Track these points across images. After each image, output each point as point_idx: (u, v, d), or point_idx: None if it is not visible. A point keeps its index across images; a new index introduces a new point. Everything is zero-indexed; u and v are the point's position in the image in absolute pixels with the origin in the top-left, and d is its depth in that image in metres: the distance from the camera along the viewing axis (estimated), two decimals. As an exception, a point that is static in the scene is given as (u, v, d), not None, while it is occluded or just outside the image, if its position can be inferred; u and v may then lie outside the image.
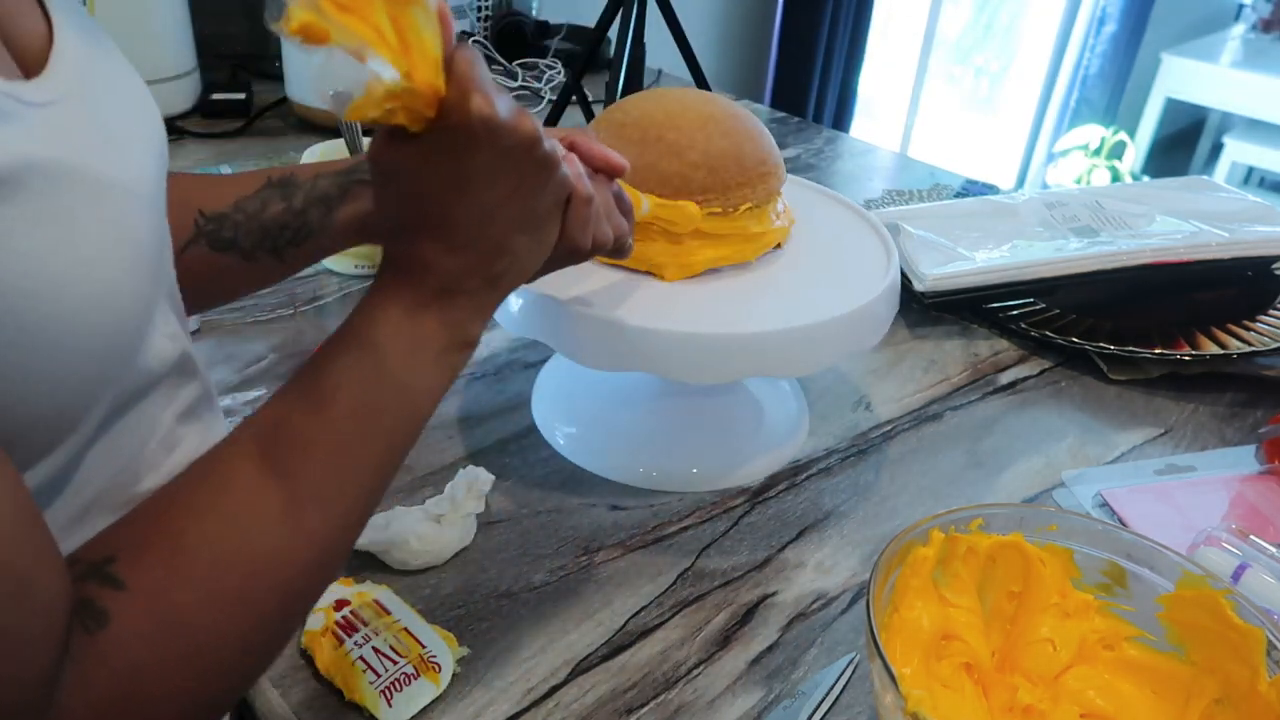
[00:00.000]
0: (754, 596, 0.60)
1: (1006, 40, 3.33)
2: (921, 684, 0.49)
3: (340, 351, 0.40)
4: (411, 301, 0.41)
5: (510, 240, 0.43)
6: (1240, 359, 0.83)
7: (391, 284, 0.42)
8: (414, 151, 0.40)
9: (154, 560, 0.33)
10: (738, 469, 0.70)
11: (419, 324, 0.41)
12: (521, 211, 0.43)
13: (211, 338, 0.82)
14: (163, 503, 0.35)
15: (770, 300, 0.63)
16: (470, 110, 0.38)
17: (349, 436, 0.38)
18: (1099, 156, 3.12)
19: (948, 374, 0.85)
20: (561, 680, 0.54)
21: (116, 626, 0.31)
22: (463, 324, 0.43)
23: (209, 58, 1.27)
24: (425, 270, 0.42)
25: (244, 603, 0.34)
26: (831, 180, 1.26)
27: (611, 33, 1.10)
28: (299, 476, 0.37)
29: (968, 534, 0.52)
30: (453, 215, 0.41)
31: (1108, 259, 0.89)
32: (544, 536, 0.64)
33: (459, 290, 0.42)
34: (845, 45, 2.43)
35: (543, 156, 0.42)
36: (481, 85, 0.39)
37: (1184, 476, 0.73)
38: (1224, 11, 3.60)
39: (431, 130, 0.39)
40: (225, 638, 0.34)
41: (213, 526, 0.34)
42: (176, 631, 0.32)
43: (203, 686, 0.34)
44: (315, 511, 0.37)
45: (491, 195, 0.41)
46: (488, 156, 0.40)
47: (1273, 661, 0.46)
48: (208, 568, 0.34)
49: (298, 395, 0.39)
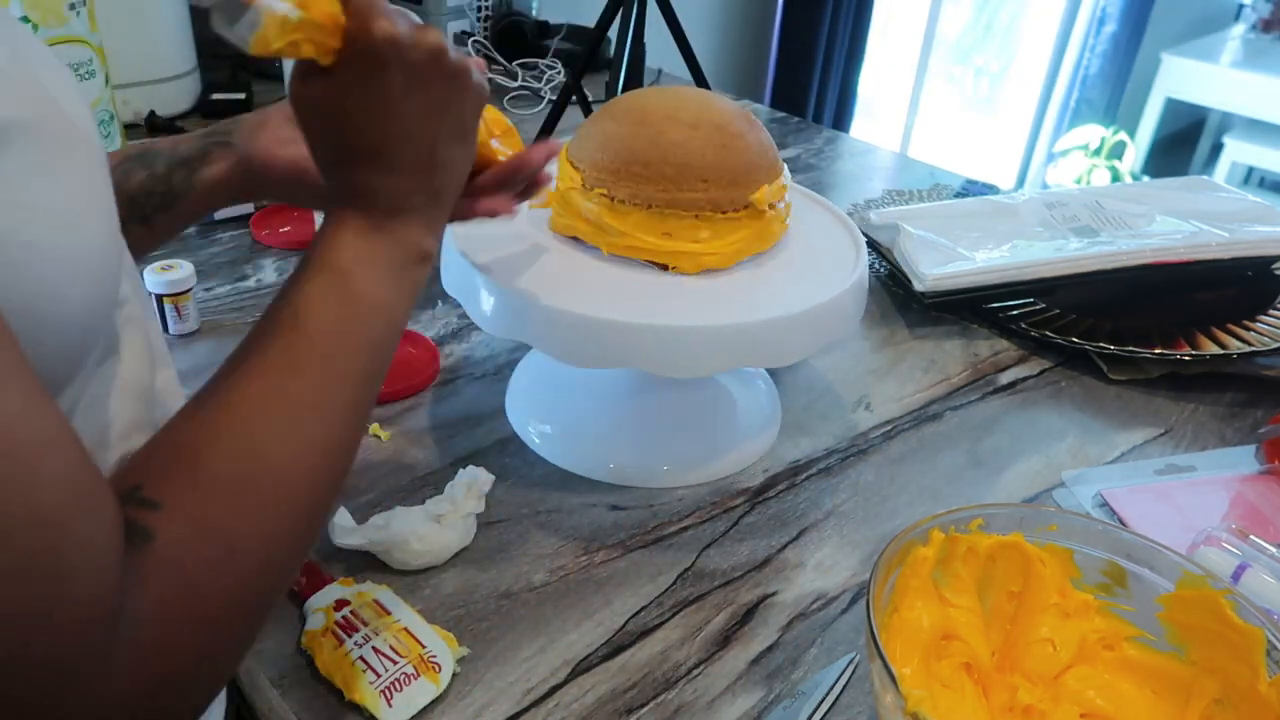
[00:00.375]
0: (754, 596, 0.60)
1: (1006, 40, 3.33)
2: (921, 684, 0.49)
3: (308, 278, 0.42)
4: (364, 224, 0.44)
5: (440, 153, 0.46)
6: (1240, 359, 0.83)
7: (341, 214, 0.45)
8: (328, 84, 0.42)
9: (179, 480, 0.35)
10: (710, 464, 0.70)
11: (374, 244, 0.44)
12: (444, 124, 0.45)
13: (211, 337, 0.82)
14: (176, 430, 0.38)
15: (744, 294, 0.64)
16: (373, 32, 0.41)
17: (331, 351, 0.41)
18: (1099, 156, 3.12)
19: (948, 374, 0.85)
20: (561, 680, 0.54)
21: (161, 540, 0.33)
22: (415, 239, 0.46)
23: (209, 58, 1.27)
24: (369, 195, 0.44)
25: (267, 508, 0.37)
26: (831, 180, 1.26)
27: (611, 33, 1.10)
28: (293, 394, 0.40)
29: (968, 534, 0.52)
30: (381, 139, 0.44)
31: (1108, 259, 0.89)
32: (544, 536, 0.64)
33: (404, 209, 0.45)
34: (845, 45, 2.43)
35: (452, 65, 0.44)
36: (381, 8, 0.41)
37: (1184, 476, 0.73)
38: (1224, 11, 3.60)
39: (340, 61, 0.41)
40: (256, 539, 0.37)
41: (226, 444, 0.37)
42: (214, 538, 0.35)
43: (245, 589, 0.36)
44: (314, 421, 0.40)
45: (410, 114, 0.44)
46: (399, 75, 0.42)
47: (1273, 661, 0.46)
48: (230, 481, 0.36)
49: (277, 322, 0.41)
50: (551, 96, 1.40)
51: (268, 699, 0.53)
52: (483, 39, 1.44)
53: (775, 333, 0.62)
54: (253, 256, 0.95)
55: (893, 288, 0.97)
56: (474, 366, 0.80)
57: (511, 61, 1.45)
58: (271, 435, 0.38)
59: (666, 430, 0.73)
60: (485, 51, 1.42)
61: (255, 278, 0.91)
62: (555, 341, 0.61)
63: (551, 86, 1.43)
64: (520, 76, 1.43)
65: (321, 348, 0.41)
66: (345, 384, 0.42)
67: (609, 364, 0.61)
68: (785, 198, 0.68)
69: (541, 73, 1.46)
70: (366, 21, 0.41)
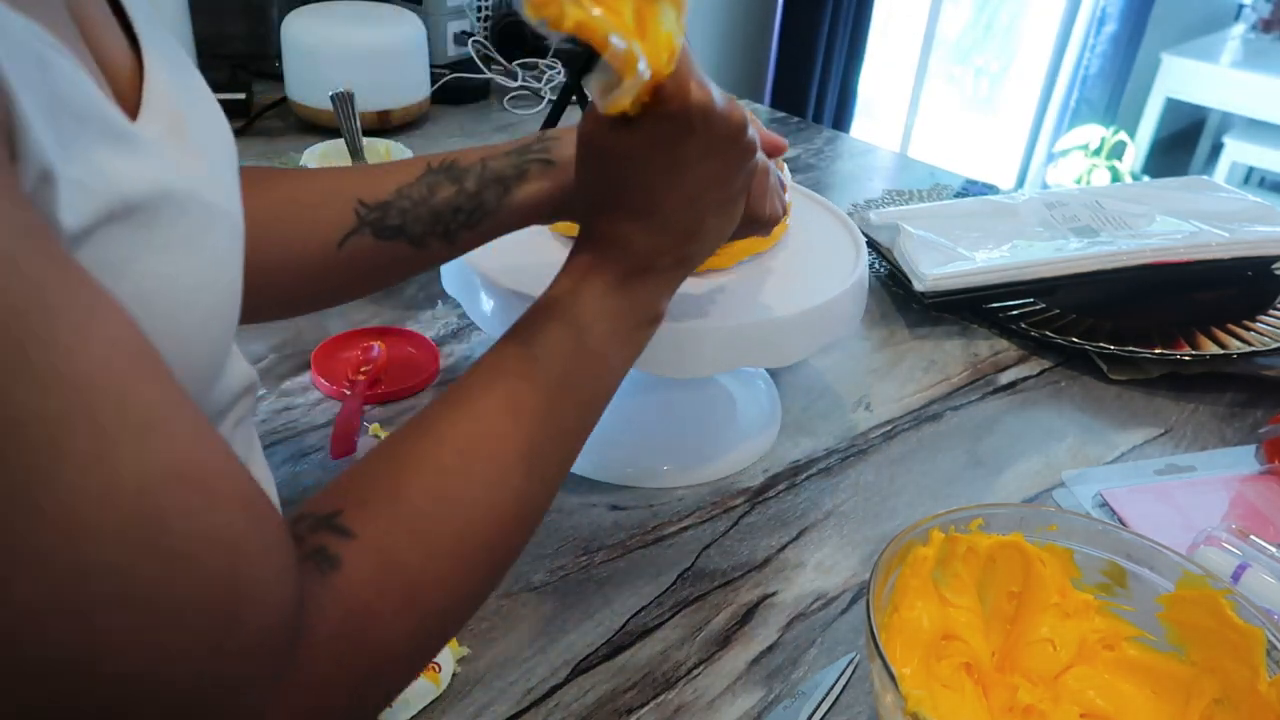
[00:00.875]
0: (754, 596, 0.60)
1: (1006, 40, 3.33)
2: (921, 684, 0.49)
3: (545, 323, 0.42)
4: (611, 279, 0.44)
5: (705, 223, 0.46)
6: (1240, 359, 0.83)
7: (591, 261, 0.44)
8: (629, 137, 0.42)
9: (377, 512, 0.35)
10: (709, 465, 0.70)
11: (617, 301, 0.44)
12: (721, 195, 0.45)
13: (211, 338, 0.82)
14: (383, 459, 0.37)
15: (743, 295, 0.65)
16: (689, 98, 0.40)
17: (553, 404, 0.41)
18: (1099, 156, 3.12)
19: (948, 374, 0.85)
20: (561, 680, 0.54)
21: (347, 570, 0.33)
22: (654, 301, 0.46)
23: (209, 58, 1.27)
24: (624, 249, 0.44)
25: (457, 553, 0.37)
26: (831, 180, 1.26)
27: (611, 33, 1.10)
28: (508, 438, 0.39)
29: (968, 534, 0.52)
30: (658, 199, 0.43)
31: (1108, 259, 0.89)
32: (544, 536, 0.64)
33: (653, 269, 0.45)
34: (845, 45, 2.43)
35: (748, 143, 0.44)
36: (698, 74, 0.40)
37: (1184, 476, 0.73)
38: (1224, 11, 3.60)
39: (646, 116, 0.41)
40: (440, 584, 0.36)
41: (431, 481, 0.37)
42: (399, 577, 0.34)
43: (421, 628, 0.36)
44: (521, 472, 0.39)
45: (698, 181, 0.43)
46: (700, 143, 0.42)
47: (1273, 661, 0.46)
48: (426, 520, 0.36)
49: (511, 362, 0.41)
50: (551, 96, 1.40)
51: (268, 699, 0.53)
52: (483, 39, 1.44)
53: (775, 333, 0.62)
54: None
55: (893, 288, 0.97)
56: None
57: (511, 61, 1.45)
58: (474, 478, 0.38)
59: (666, 430, 0.73)
60: (485, 51, 1.42)
61: (255, 278, 0.91)
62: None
63: (551, 86, 1.43)
64: (520, 76, 1.43)
65: (546, 397, 0.41)
66: (558, 439, 0.41)
67: None
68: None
69: (541, 73, 1.46)
70: (685, 85, 0.40)
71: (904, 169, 1.32)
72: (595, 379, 0.43)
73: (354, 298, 0.61)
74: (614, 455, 0.69)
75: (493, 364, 0.41)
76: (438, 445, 0.38)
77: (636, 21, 0.37)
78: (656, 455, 0.70)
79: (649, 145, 0.42)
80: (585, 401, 0.43)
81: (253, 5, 1.38)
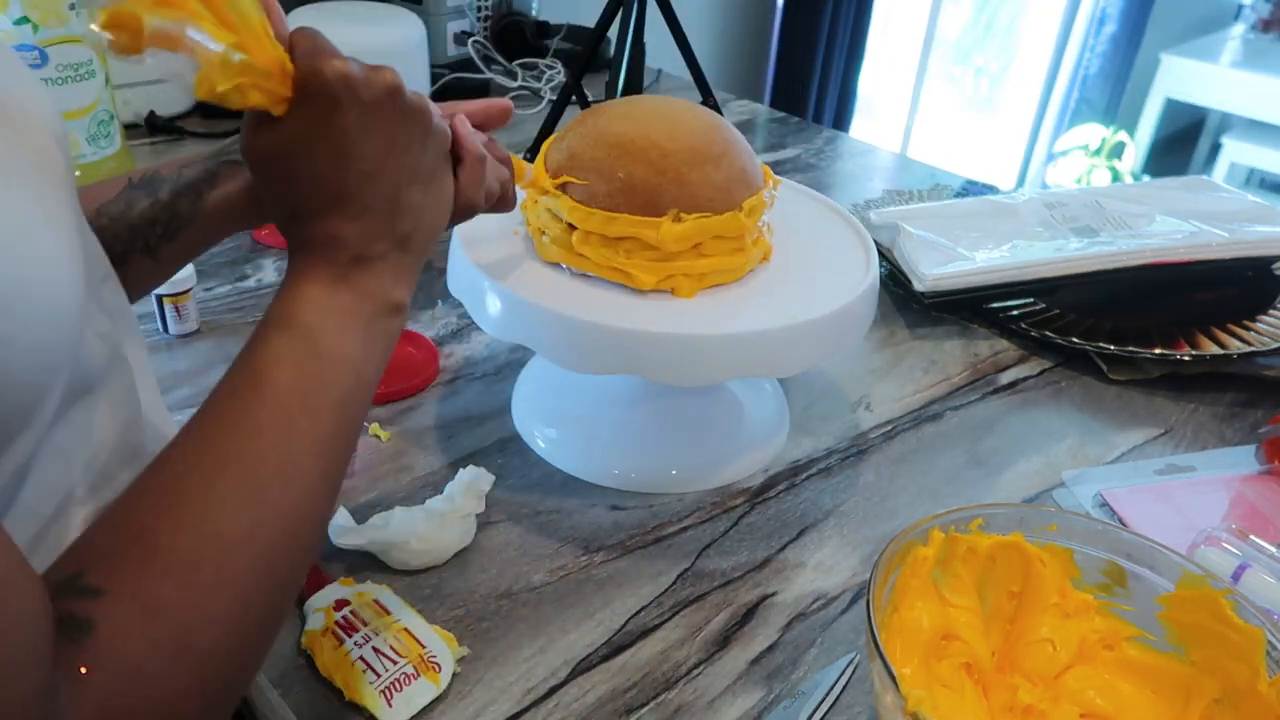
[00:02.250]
0: (754, 596, 0.60)
1: (1006, 40, 3.33)
2: (921, 684, 0.49)
3: (270, 336, 0.40)
4: (328, 276, 0.42)
5: (404, 196, 0.44)
6: (1240, 359, 0.83)
7: (303, 265, 0.42)
8: (283, 132, 0.41)
9: (126, 561, 0.33)
10: (717, 471, 0.70)
11: (339, 296, 0.42)
12: (405, 165, 0.43)
13: (211, 338, 0.82)
14: (122, 509, 0.35)
15: (751, 302, 0.63)
16: (325, 72, 0.39)
17: (295, 414, 0.39)
18: (1099, 156, 3.12)
19: (948, 374, 0.85)
20: (561, 680, 0.54)
21: (102, 630, 0.31)
22: (384, 290, 0.44)
23: (209, 58, 1.27)
24: (331, 244, 0.42)
25: (224, 586, 0.34)
26: (831, 180, 1.26)
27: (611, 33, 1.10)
28: (252, 459, 0.37)
29: (968, 534, 0.52)
30: (338, 185, 0.42)
31: (1108, 259, 0.89)
32: (544, 536, 0.64)
33: (370, 256, 0.43)
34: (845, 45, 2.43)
35: (408, 104, 0.43)
36: (329, 49, 0.40)
37: (1184, 476, 0.73)
38: (1224, 11, 3.60)
39: (293, 108, 0.40)
40: (214, 623, 0.34)
41: (176, 517, 0.34)
42: (164, 623, 0.32)
43: (202, 677, 0.33)
44: (276, 491, 0.37)
45: (368, 155, 0.42)
46: (355, 116, 0.41)
47: (1273, 661, 0.46)
48: (181, 558, 0.34)
49: (236, 384, 0.39)
50: (551, 96, 1.40)
51: (268, 699, 0.53)
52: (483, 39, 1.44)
53: (782, 343, 0.60)
54: (253, 256, 0.95)
55: (893, 288, 0.97)
56: (474, 367, 0.80)
57: (511, 61, 1.45)
58: (228, 507, 0.35)
59: (673, 437, 0.72)
60: (485, 51, 1.42)
61: (255, 278, 0.91)
62: (558, 347, 0.60)
63: (551, 86, 1.43)
64: (520, 76, 1.43)
65: (284, 410, 0.38)
66: (311, 448, 0.39)
67: (611, 370, 0.60)
68: (764, 217, 0.66)
69: (541, 73, 1.46)
70: (316, 62, 0.39)
71: (904, 169, 1.32)
72: (339, 379, 0.41)
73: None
74: (621, 461, 0.69)
75: (221, 389, 0.39)
76: (179, 479, 0.36)
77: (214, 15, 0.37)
78: (664, 461, 0.70)
79: (305, 132, 0.40)
80: (335, 403, 0.40)
81: (252, 5, 1.38)
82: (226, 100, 0.38)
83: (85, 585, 0.32)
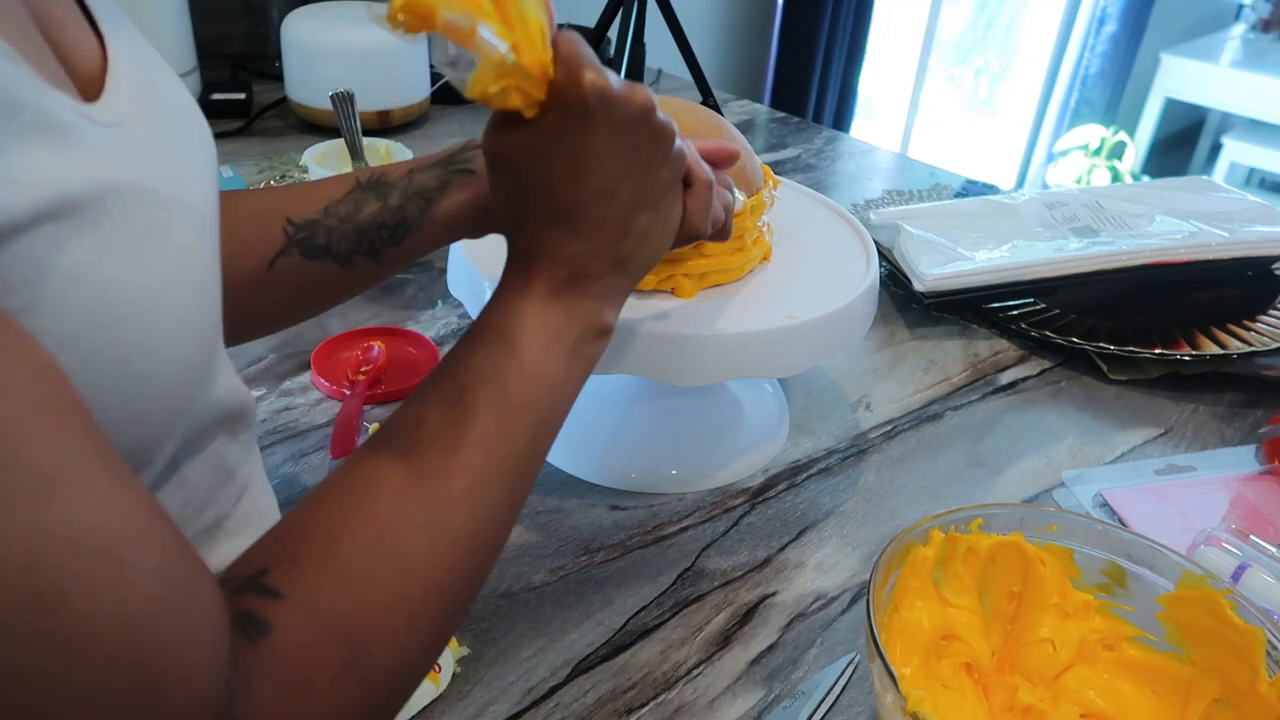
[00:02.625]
0: (754, 596, 0.60)
1: (1006, 40, 3.33)
2: (921, 684, 0.49)
3: (476, 347, 0.40)
4: (542, 292, 0.41)
5: (633, 218, 0.43)
6: (1240, 359, 0.83)
7: (519, 275, 0.42)
8: (528, 137, 0.40)
9: (308, 569, 0.33)
10: (718, 471, 0.70)
11: (551, 314, 0.41)
12: (641, 187, 0.43)
13: (211, 338, 0.82)
14: (310, 512, 0.35)
15: (751, 302, 0.63)
16: (584, 85, 0.38)
17: (492, 432, 0.38)
18: (1099, 156, 3.12)
19: (948, 374, 0.85)
20: (561, 680, 0.54)
21: (279, 635, 0.31)
22: (596, 311, 0.43)
23: (209, 58, 1.27)
24: (551, 258, 0.41)
25: (399, 608, 0.34)
26: (831, 180, 1.26)
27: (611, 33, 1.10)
28: (445, 475, 0.36)
29: (968, 534, 0.52)
30: (573, 198, 0.41)
31: (1108, 259, 0.89)
32: (544, 536, 0.64)
33: (587, 275, 0.42)
34: (845, 45, 2.43)
35: (657, 126, 0.42)
36: (590, 60, 0.39)
37: (1184, 476, 0.73)
38: (1224, 11, 3.60)
39: (544, 113, 0.39)
40: (383, 642, 0.33)
41: (363, 532, 0.34)
42: (336, 637, 0.32)
43: (365, 693, 0.33)
44: (465, 509, 0.37)
45: (610, 172, 0.41)
46: (604, 131, 0.40)
47: (1273, 661, 0.46)
48: (362, 573, 0.33)
49: (437, 394, 0.39)
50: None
51: (268, 699, 0.53)
52: (483, 39, 1.44)
53: (782, 343, 0.60)
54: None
55: (893, 288, 0.97)
56: (474, 366, 0.80)
57: (511, 61, 1.45)
58: (412, 523, 0.35)
59: (673, 437, 0.72)
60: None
61: (255, 278, 0.91)
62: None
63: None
64: (520, 76, 1.43)
65: (481, 427, 0.38)
66: (503, 469, 0.38)
67: (610, 370, 0.60)
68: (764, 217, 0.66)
69: (541, 73, 1.46)
70: (576, 72, 0.38)
71: (904, 169, 1.32)
72: (539, 400, 0.40)
73: (288, 323, 0.59)
74: (620, 461, 0.69)
75: (423, 394, 0.39)
76: (369, 490, 0.35)
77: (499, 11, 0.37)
78: (664, 461, 0.70)
79: (551, 141, 0.40)
80: (531, 424, 0.40)
81: (253, 5, 1.38)
82: (490, 101, 0.38)
83: (267, 585, 0.32)
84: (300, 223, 0.53)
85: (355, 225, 0.53)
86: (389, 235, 0.53)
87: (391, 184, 0.54)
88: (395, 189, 0.53)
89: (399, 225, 0.53)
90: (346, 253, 0.53)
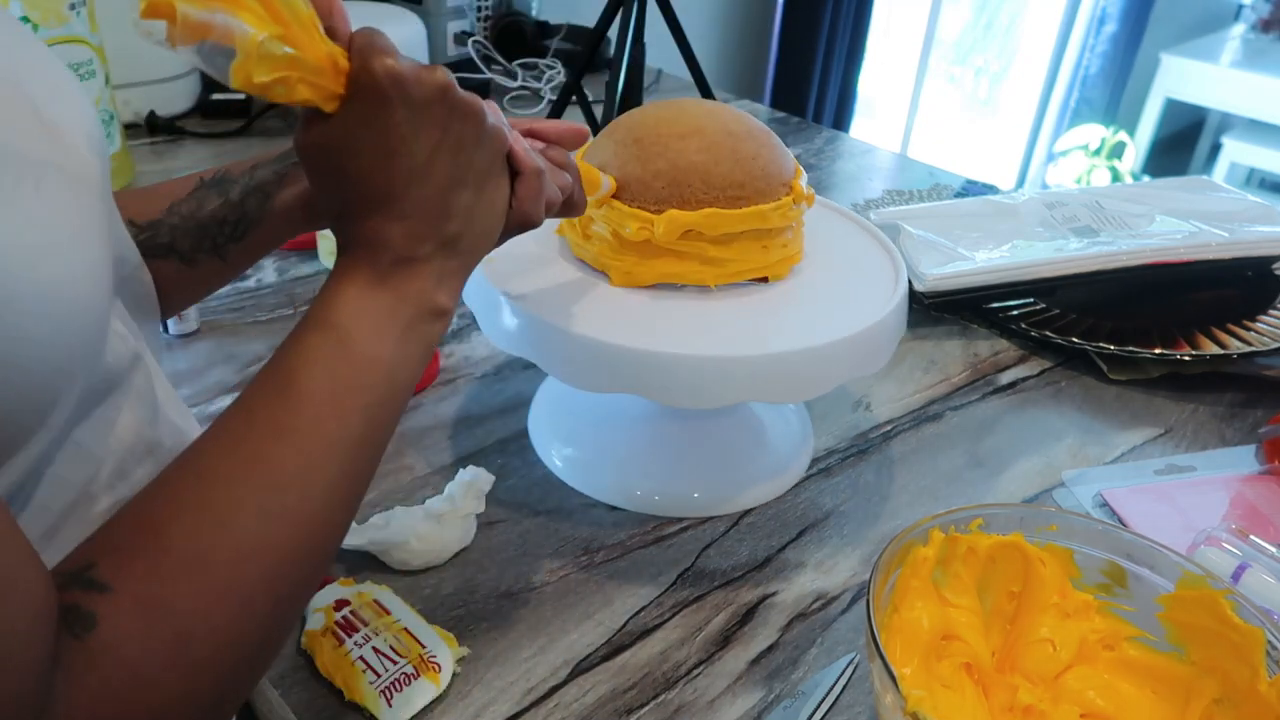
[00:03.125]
0: (754, 596, 0.60)
1: (1006, 40, 3.33)
2: (921, 684, 0.49)
3: (304, 335, 0.40)
4: (368, 277, 0.41)
5: (452, 198, 0.43)
6: (1240, 359, 0.83)
7: (347, 264, 0.42)
8: (332, 130, 0.40)
9: (136, 559, 0.32)
10: (741, 493, 0.68)
11: (379, 299, 0.41)
12: (456, 165, 0.42)
13: (211, 338, 0.82)
14: (141, 504, 0.35)
15: (769, 322, 0.60)
16: (375, 69, 0.39)
17: (322, 417, 0.38)
18: (1099, 156, 3.12)
19: (948, 374, 0.85)
20: (561, 680, 0.54)
21: (104, 628, 0.31)
22: (426, 293, 0.43)
23: (209, 58, 1.27)
24: (375, 244, 0.42)
25: (231, 593, 0.34)
26: (831, 180, 1.26)
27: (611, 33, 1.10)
28: (275, 460, 0.36)
29: (968, 534, 0.52)
30: (385, 183, 0.41)
31: (1108, 259, 0.89)
32: (544, 536, 0.64)
33: (414, 258, 0.42)
34: (845, 45, 2.43)
35: (460, 102, 0.42)
36: (384, 48, 0.39)
37: (1184, 476, 0.73)
38: (1224, 11, 3.60)
39: (344, 105, 0.40)
40: (216, 631, 0.33)
41: (192, 519, 0.34)
42: (165, 627, 0.32)
43: (198, 685, 0.33)
44: (295, 495, 0.36)
45: (417, 153, 0.41)
46: (403, 112, 0.40)
47: (1273, 661, 0.46)
48: (191, 560, 0.33)
49: (265, 384, 0.39)
50: (551, 96, 1.40)
51: (268, 699, 0.53)
52: (483, 39, 1.44)
53: (800, 365, 0.57)
54: (253, 256, 0.95)
55: (893, 288, 0.97)
56: (474, 366, 0.81)
57: (511, 61, 1.45)
58: (243, 508, 0.35)
59: (695, 459, 0.70)
60: (485, 51, 1.42)
61: (255, 278, 0.91)
62: (563, 365, 0.58)
63: (551, 86, 1.43)
64: (520, 76, 1.43)
65: (311, 411, 0.38)
66: (336, 452, 0.38)
67: (616, 389, 0.57)
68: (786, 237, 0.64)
69: (541, 73, 1.46)
70: (369, 60, 0.39)
71: (904, 169, 1.32)
72: (374, 383, 0.40)
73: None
74: (642, 484, 0.67)
75: (251, 388, 0.39)
76: (199, 479, 0.35)
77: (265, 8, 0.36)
78: (686, 485, 0.67)
79: (355, 129, 0.40)
80: (363, 406, 0.39)
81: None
82: (270, 93, 0.37)
83: (93, 579, 0.31)
84: (143, 224, 0.53)
85: (198, 223, 0.53)
86: (230, 231, 0.54)
87: (234, 180, 0.54)
88: (237, 185, 0.54)
89: (240, 221, 0.53)
90: (190, 250, 0.53)
